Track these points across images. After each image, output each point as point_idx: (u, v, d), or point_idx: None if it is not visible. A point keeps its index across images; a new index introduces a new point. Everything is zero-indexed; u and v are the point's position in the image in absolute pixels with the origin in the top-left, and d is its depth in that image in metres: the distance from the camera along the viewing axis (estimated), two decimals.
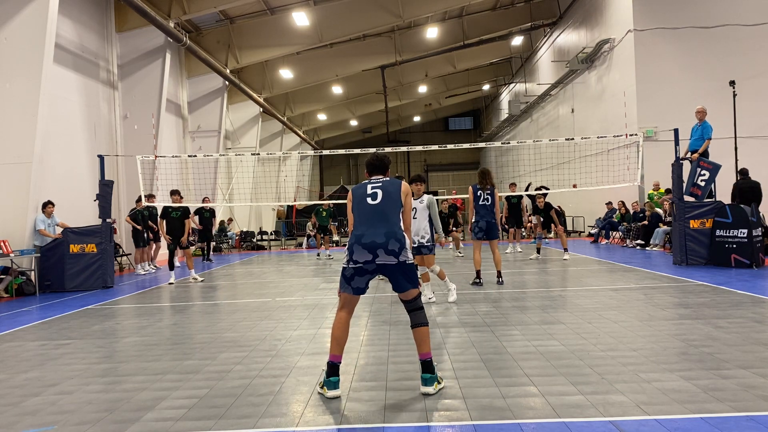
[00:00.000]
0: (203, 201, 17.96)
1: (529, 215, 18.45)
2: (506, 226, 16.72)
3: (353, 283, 4.26)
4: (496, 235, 9.58)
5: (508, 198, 15.73)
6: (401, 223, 4.36)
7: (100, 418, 3.93)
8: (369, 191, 4.35)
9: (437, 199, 11.93)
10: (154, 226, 14.85)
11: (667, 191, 15.08)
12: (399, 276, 4.23)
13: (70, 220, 12.37)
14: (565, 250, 13.71)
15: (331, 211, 18.23)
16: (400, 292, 4.31)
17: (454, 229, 17.28)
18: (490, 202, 9.47)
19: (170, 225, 11.81)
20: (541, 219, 14.43)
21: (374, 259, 4.18)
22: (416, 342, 4.24)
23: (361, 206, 4.33)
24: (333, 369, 4.15)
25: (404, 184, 4.42)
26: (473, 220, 9.54)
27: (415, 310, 4.28)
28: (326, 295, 9.35)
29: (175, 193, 12.27)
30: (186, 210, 12.08)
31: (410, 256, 4.30)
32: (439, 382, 4.21)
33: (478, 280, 9.45)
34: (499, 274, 9.63)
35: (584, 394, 3.95)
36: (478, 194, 9.50)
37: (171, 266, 11.93)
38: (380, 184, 4.38)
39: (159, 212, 15.29)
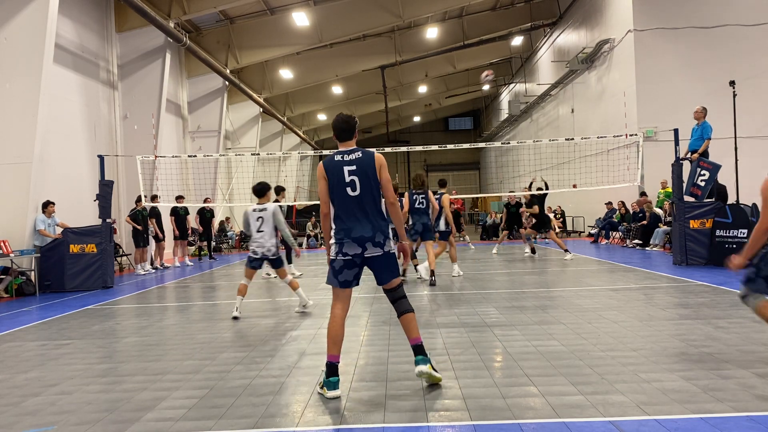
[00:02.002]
0: (204, 201, 17.97)
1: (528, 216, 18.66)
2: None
3: (341, 276, 4.28)
4: (431, 236, 10.07)
5: (506, 206, 16.61)
6: (383, 207, 4.34)
7: (100, 418, 3.93)
8: (347, 178, 4.21)
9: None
10: (155, 229, 14.85)
11: None
12: (383, 267, 4.32)
13: (70, 220, 12.37)
14: (566, 251, 13.67)
15: None
16: (383, 284, 4.39)
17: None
18: (424, 206, 9.94)
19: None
20: (533, 220, 14.64)
21: (363, 252, 4.24)
22: (405, 329, 4.34)
23: (342, 196, 4.24)
24: (332, 369, 4.17)
25: (377, 157, 4.32)
26: (410, 223, 10.03)
27: (399, 299, 4.39)
28: (326, 295, 9.35)
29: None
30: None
31: (393, 245, 4.36)
32: (433, 368, 4.29)
33: (432, 278, 9.88)
34: (432, 273, 9.90)
35: (584, 394, 3.95)
36: (414, 198, 9.96)
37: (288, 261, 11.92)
38: (355, 167, 4.22)
39: (171, 211, 15.39)
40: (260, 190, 7.49)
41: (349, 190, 4.22)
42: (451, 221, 10.66)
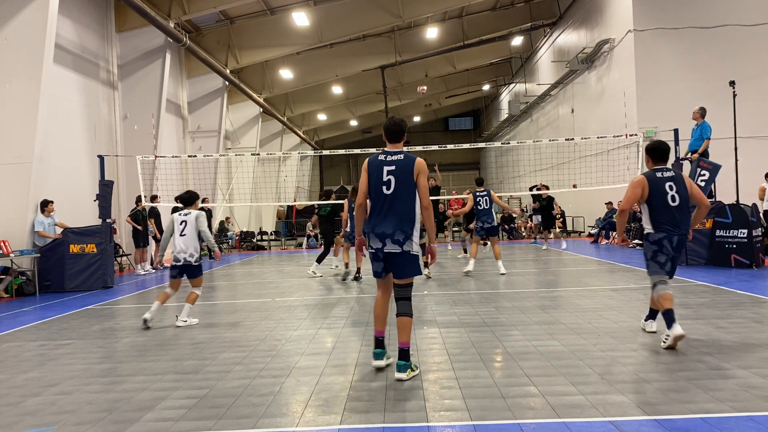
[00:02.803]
0: (203, 201, 17.96)
1: (529, 215, 18.96)
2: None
3: (373, 266, 4.69)
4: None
5: (537, 198, 17.29)
6: (415, 215, 4.53)
7: (100, 418, 3.93)
8: (385, 177, 4.50)
9: (444, 200, 12.38)
10: (155, 229, 14.85)
11: None
12: (400, 264, 4.55)
13: (70, 220, 12.37)
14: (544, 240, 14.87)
15: None
16: (396, 278, 4.61)
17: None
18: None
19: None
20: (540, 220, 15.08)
21: (383, 247, 4.52)
22: (398, 330, 4.54)
23: (377, 192, 4.54)
24: (378, 342, 4.68)
25: (418, 162, 4.53)
26: (347, 229, 10.89)
27: (404, 299, 4.59)
28: (326, 295, 9.35)
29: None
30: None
31: (415, 247, 4.53)
32: (412, 370, 4.51)
33: (358, 276, 10.84)
34: (358, 270, 10.90)
35: (584, 394, 3.95)
36: (352, 206, 10.64)
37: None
38: (394, 167, 4.49)
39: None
40: (188, 199, 7.49)
41: (384, 188, 4.50)
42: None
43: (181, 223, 7.30)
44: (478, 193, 11.31)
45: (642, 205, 5.39)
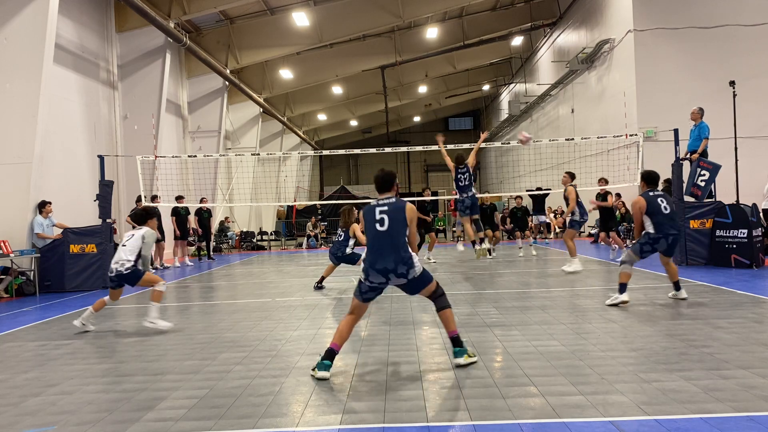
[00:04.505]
0: (201, 201, 17.97)
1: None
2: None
3: (365, 295, 4.87)
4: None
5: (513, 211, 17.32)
6: (407, 244, 4.81)
7: (100, 418, 3.93)
8: (377, 216, 4.81)
9: (441, 200, 12.30)
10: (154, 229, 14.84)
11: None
12: (413, 287, 4.84)
13: (69, 220, 12.36)
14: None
15: None
16: (413, 294, 4.93)
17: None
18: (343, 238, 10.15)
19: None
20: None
21: (387, 281, 4.76)
22: (443, 322, 4.88)
23: (372, 231, 4.82)
24: (329, 354, 4.66)
25: (408, 208, 4.87)
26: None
27: (438, 297, 4.88)
28: (326, 295, 9.36)
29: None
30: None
31: (417, 270, 4.76)
32: (469, 356, 4.78)
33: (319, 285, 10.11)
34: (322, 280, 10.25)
35: (584, 394, 3.95)
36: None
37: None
38: (386, 209, 4.81)
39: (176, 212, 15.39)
40: (140, 217, 7.42)
41: (378, 225, 4.79)
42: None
43: (128, 237, 7.18)
44: (459, 169, 11.39)
45: (645, 216, 7.23)
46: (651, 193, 7.26)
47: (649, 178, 7.41)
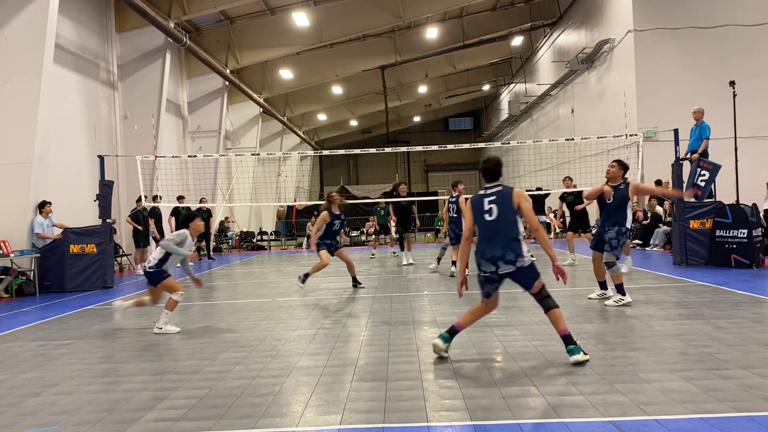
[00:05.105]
0: (200, 201, 17.96)
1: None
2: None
3: (484, 289, 4.97)
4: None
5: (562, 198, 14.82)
6: (519, 233, 4.82)
7: (100, 418, 3.93)
8: (486, 206, 4.86)
9: (442, 199, 12.19)
10: (155, 229, 14.84)
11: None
12: (522, 278, 4.85)
13: (69, 220, 12.36)
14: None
15: (388, 209, 16.93)
16: (526, 290, 4.91)
17: None
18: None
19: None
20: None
21: (497, 269, 4.80)
22: (553, 322, 4.86)
23: (481, 221, 4.89)
24: (452, 331, 5.01)
25: (516, 193, 4.86)
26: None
27: (544, 298, 4.88)
28: (326, 295, 9.36)
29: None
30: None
31: (526, 260, 4.80)
32: (584, 353, 4.74)
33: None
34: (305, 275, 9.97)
35: (584, 394, 3.95)
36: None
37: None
38: (495, 197, 4.85)
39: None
40: (185, 220, 7.40)
41: (486, 216, 4.85)
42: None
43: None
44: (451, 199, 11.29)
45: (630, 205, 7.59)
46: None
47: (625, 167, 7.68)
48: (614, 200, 7.39)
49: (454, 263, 11.05)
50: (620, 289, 7.17)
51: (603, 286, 7.68)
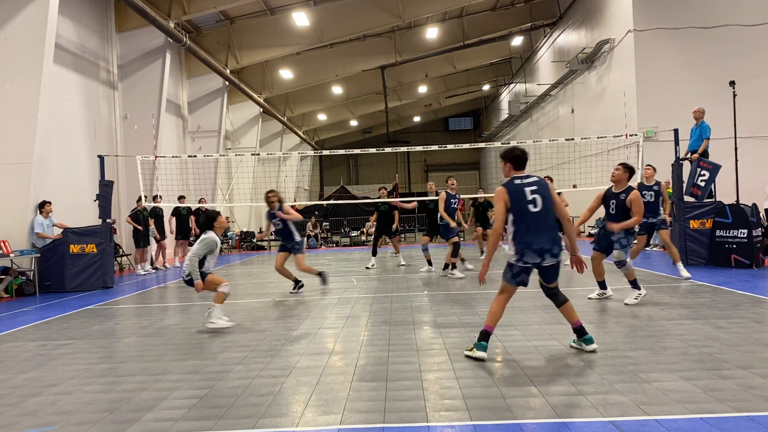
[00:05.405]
0: (200, 202, 17.95)
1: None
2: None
3: (518, 278, 4.95)
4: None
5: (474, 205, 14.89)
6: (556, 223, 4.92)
7: (100, 418, 3.93)
8: (529, 196, 4.81)
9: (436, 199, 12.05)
10: (155, 229, 14.84)
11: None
12: (553, 271, 4.95)
13: (70, 220, 12.36)
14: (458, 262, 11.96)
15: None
16: (549, 283, 5.03)
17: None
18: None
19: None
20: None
21: (541, 262, 4.83)
22: (566, 315, 5.01)
23: (525, 212, 4.81)
24: (484, 335, 4.91)
25: (549, 184, 5.01)
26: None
27: (555, 294, 5.05)
28: (326, 295, 9.36)
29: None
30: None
31: (561, 254, 4.92)
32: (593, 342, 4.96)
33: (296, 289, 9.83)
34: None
35: (584, 394, 3.95)
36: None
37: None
38: (536, 188, 4.85)
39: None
40: (204, 223, 7.12)
41: (531, 206, 4.80)
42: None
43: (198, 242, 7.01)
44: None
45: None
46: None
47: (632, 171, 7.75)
48: (616, 211, 7.55)
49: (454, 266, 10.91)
50: (636, 285, 7.26)
51: (602, 285, 7.68)
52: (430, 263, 12.01)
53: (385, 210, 13.66)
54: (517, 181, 4.90)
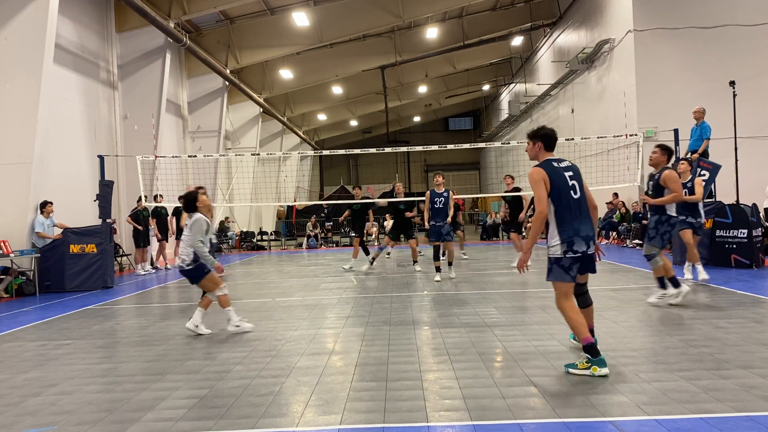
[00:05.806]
0: None
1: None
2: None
3: (572, 271, 4.59)
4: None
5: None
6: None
7: (100, 418, 3.93)
8: (569, 182, 4.59)
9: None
10: (155, 229, 14.83)
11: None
12: (592, 260, 4.75)
13: (70, 220, 12.36)
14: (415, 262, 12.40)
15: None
16: (586, 273, 4.78)
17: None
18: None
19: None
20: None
21: (588, 249, 4.61)
22: (588, 317, 4.82)
23: (567, 197, 4.57)
24: (590, 348, 4.43)
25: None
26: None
27: (584, 293, 4.87)
28: (326, 295, 9.35)
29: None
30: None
31: None
32: None
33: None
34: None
35: (584, 394, 3.95)
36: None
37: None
38: (572, 173, 4.64)
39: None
40: (189, 203, 6.68)
41: (572, 193, 4.60)
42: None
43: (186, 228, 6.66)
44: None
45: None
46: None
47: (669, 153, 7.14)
48: (652, 190, 7.03)
49: (438, 269, 10.43)
50: (664, 283, 6.91)
51: (673, 283, 7.01)
52: (372, 262, 12.56)
53: (358, 209, 13.65)
54: (555, 164, 4.63)
